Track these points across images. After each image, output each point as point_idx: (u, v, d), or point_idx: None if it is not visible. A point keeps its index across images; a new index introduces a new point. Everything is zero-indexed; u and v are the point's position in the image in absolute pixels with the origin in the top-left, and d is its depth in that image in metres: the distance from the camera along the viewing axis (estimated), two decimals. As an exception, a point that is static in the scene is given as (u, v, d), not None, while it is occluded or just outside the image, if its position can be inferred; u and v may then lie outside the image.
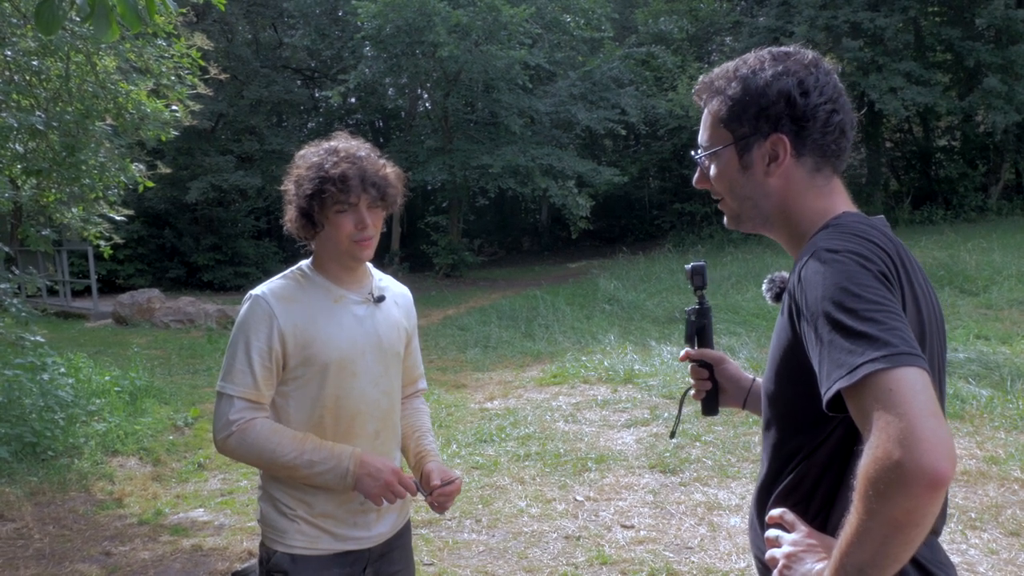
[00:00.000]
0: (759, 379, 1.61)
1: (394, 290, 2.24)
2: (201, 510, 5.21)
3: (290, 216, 2.05)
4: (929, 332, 1.28)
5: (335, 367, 2.00)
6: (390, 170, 2.07)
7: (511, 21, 19.04)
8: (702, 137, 1.47)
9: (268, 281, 2.07)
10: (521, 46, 19.90)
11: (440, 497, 2.10)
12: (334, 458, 1.95)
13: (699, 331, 1.75)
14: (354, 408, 2.04)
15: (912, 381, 1.04)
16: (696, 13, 24.91)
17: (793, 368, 1.26)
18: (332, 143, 2.06)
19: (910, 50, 20.40)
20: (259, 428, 1.95)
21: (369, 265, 2.17)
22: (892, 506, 1.01)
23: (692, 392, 1.79)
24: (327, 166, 1.97)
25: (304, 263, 2.12)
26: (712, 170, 1.45)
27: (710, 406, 1.77)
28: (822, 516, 1.27)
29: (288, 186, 2.05)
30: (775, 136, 1.34)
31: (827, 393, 1.11)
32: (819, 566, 1.17)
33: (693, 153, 1.49)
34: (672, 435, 1.97)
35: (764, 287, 1.56)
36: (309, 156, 2.04)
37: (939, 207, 20.73)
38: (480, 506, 5.00)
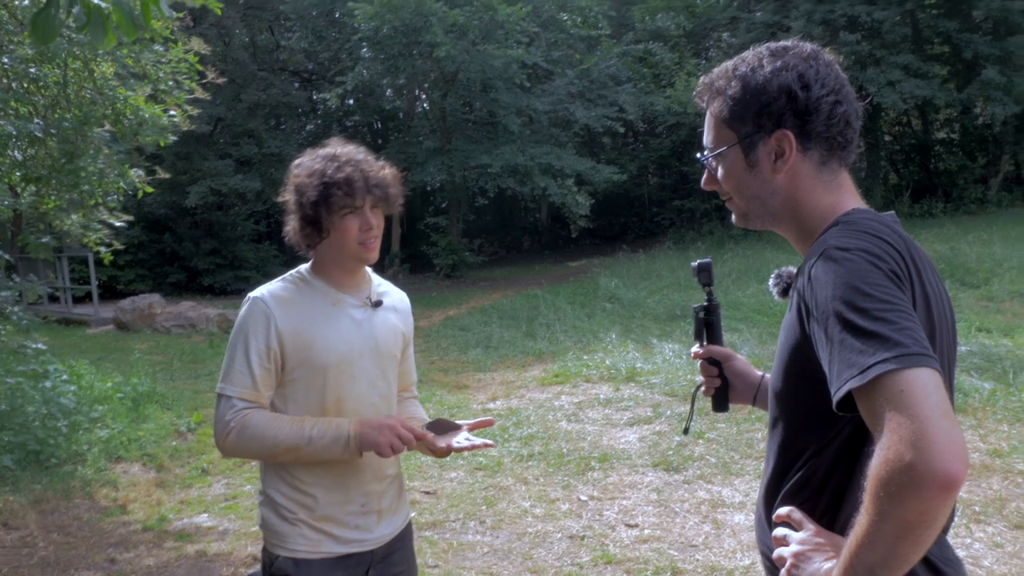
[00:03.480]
0: (768, 375, 1.61)
1: (393, 296, 2.25)
2: (205, 515, 5.21)
3: (293, 226, 2.05)
4: (939, 330, 1.27)
5: (334, 370, 2.01)
6: (388, 171, 2.10)
7: (508, 20, 19.02)
8: (707, 139, 1.46)
9: (267, 284, 2.09)
10: (518, 45, 19.87)
11: (478, 428, 2.14)
12: (333, 428, 1.95)
13: (708, 327, 1.75)
14: (352, 410, 2.05)
15: (924, 382, 1.04)
16: (693, 9, 24.85)
17: (801, 366, 1.26)
18: (328, 149, 2.07)
19: (908, 43, 20.37)
20: (256, 417, 1.95)
21: (368, 270, 2.19)
22: (903, 508, 1.01)
23: (703, 389, 1.79)
24: (330, 171, 1.99)
25: (303, 267, 2.13)
26: (719, 171, 1.44)
27: (720, 402, 1.77)
28: (830, 515, 1.27)
29: (288, 196, 2.06)
30: (779, 132, 1.33)
31: (837, 393, 1.11)
32: (827, 565, 1.17)
33: (699, 155, 1.48)
34: (685, 431, 1.97)
35: (771, 282, 1.56)
36: (308, 164, 2.05)
37: (939, 200, 20.69)
38: (484, 507, 5.00)
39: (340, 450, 1.95)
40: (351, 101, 27.03)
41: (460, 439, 2.07)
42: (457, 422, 2.14)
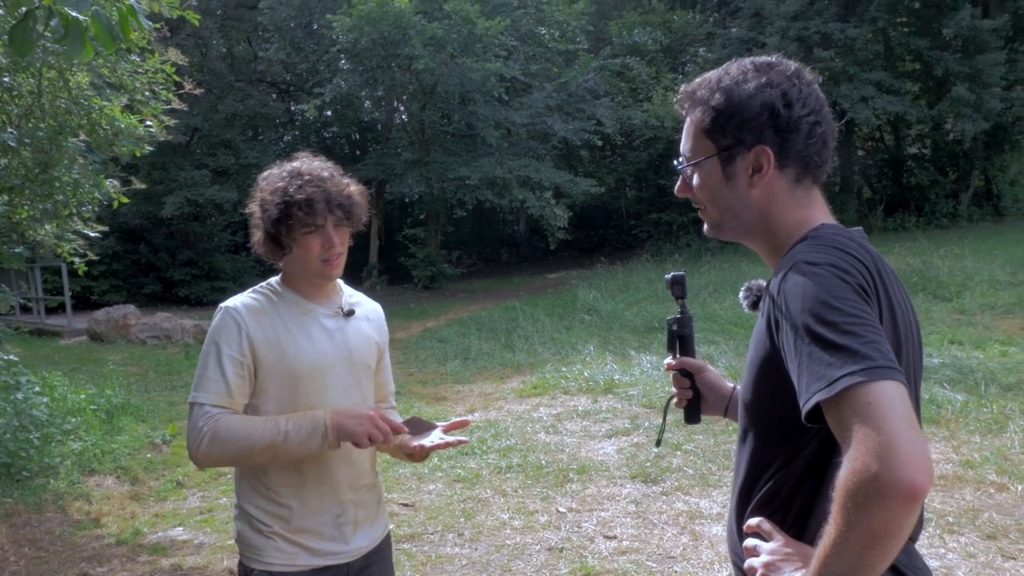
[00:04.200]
0: (739, 387, 1.63)
1: (366, 306, 2.26)
2: (180, 529, 5.16)
3: (258, 239, 2.07)
4: (905, 344, 1.30)
5: (306, 379, 2.01)
6: (354, 188, 2.09)
7: (486, 34, 19.11)
8: (684, 147, 1.46)
9: (238, 295, 2.09)
10: (496, 58, 19.96)
11: (453, 429, 2.12)
12: (308, 421, 1.92)
13: (680, 340, 1.76)
14: None
15: (890, 395, 1.06)
16: (669, 25, 25.14)
17: (771, 378, 1.28)
18: (295, 164, 2.07)
19: (880, 60, 20.71)
20: (229, 420, 1.92)
21: (340, 282, 2.19)
22: (870, 518, 1.03)
23: (674, 401, 1.80)
24: (291, 190, 1.98)
25: (273, 279, 2.14)
26: (694, 180, 1.45)
27: (692, 414, 1.78)
28: (799, 525, 1.29)
29: (254, 209, 2.07)
30: (759, 148, 1.35)
31: (806, 405, 1.13)
32: (797, 575, 1.19)
33: (675, 162, 1.49)
34: (657, 443, 1.98)
35: (741, 295, 1.57)
36: (273, 179, 2.05)
37: (911, 214, 21.01)
38: (462, 519, 4.99)
39: (318, 443, 1.91)
40: (329, 112, 27.00)
41: (433, 438, 2.07)
42: (432, 422, 2.14)
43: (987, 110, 19.04)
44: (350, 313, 2.15)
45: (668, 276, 1.77)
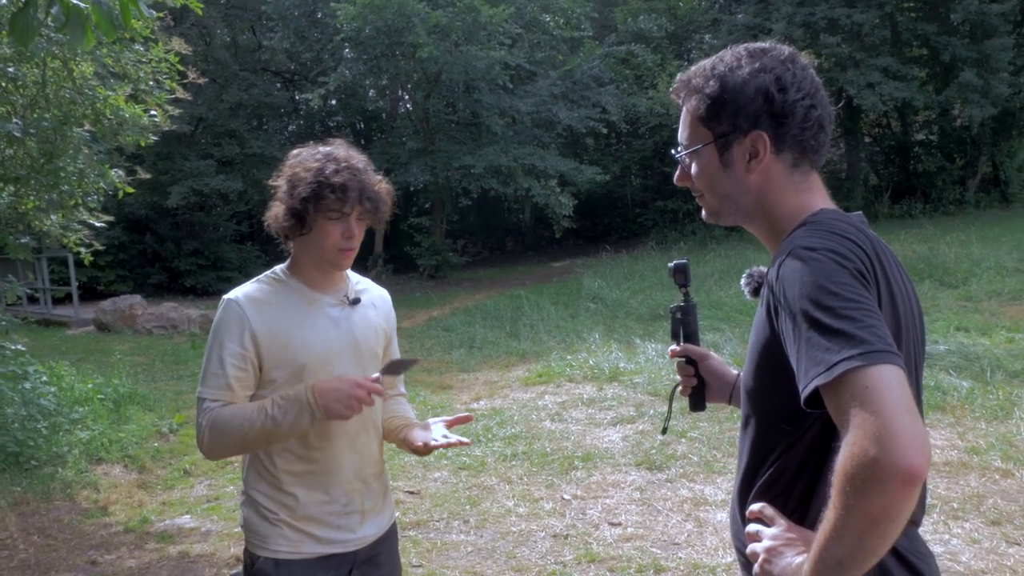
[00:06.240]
0: (742, 374, 1.63)
1: (372, 293, 2.25)
2: (187, 516, 5.19)
3: (276, 213, 2.03)
4: (905, 328, 1.29)
5: (312, 369, 2.01)
6: (384, 187, 2.09)
7: (490, 21, 19.03)
8: (682, 135, 1.47)
9: (242, 285, 2.08)
10: (501, 46, 19.88)
11: (456, 424, 2.14)
12: (294, 400, 1.92)
13: (684, 327, 1.77)
14: None
15: (888, 379, 1.06)
16: (675, 11, 24.98)
17: (772, 364, 1.28)
18: (330, 149, 2.05)
19: (887, 45, 20.57)
20: (223, 412, 1.94)
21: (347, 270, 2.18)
22: (868, 502, 1.03)
23: (679, 388, 1.81)
24: (328, 171, 1.97)
25: (279, 267, 2.13)
26: (693, 168, 1.45)
27: (697, 402, 1.79)
28: (801, 510, 1.29)
29: (280, 183, 2.04)
30: (755, 133, 1.35)
31: (805, 390, 1.13)
32: (799, 559, 1.19)
33: (673, 151, 1.50)
34: (663, 431, 1.99)
35: (743, 282, 1.58)
36: (307, 158, 2.03)
37: (918, 201, 20.91)
38: (468, 507, 5.01)
39: (308, 421, 1.91)
40: (333, 101, 26.94)
41: (437, 436, 2.07)
42: (410, 359, 2.14)
43: (995, 96, 18.91)
44: (356, 301, 2.14)
45: (671, 264, 1.78)
